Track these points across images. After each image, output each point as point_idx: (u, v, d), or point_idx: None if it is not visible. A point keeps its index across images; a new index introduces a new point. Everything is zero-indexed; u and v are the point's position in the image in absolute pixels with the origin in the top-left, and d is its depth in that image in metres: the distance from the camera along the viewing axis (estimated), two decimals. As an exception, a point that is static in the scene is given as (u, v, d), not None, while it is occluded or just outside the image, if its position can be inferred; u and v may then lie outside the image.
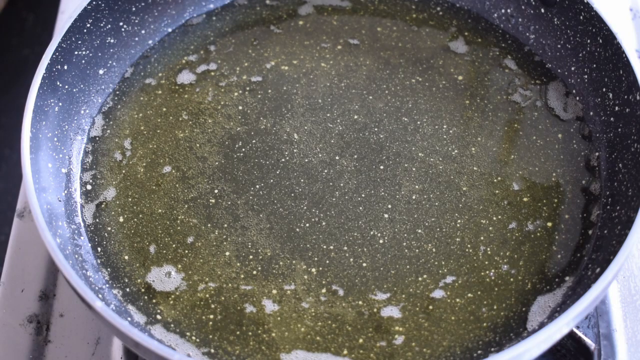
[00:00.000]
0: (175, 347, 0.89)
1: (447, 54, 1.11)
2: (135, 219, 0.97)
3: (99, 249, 0.96)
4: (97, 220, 0.98)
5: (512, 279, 0.92)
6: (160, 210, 0.98)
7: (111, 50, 1.08)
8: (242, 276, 0.93)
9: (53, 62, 0.99)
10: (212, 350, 0.88)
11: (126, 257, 0.95)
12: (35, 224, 0.86)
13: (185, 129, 1.05)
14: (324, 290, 0.92)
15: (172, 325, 0.90)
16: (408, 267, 0.93)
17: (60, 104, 1.01)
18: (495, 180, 1.00)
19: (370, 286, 0.92)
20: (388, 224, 0.96)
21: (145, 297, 0.92)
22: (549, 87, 1.07)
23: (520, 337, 0.89)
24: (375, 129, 1.04)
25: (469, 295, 0.91)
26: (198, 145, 1.03)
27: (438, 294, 0.91)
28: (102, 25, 1.06)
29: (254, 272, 0.93)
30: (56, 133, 0.99)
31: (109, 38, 1.08)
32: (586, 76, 1.05)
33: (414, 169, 1.00)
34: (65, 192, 0.98)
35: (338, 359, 0.88)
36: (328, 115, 1.05)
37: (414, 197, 0.98)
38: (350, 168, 1.01)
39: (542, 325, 0.89)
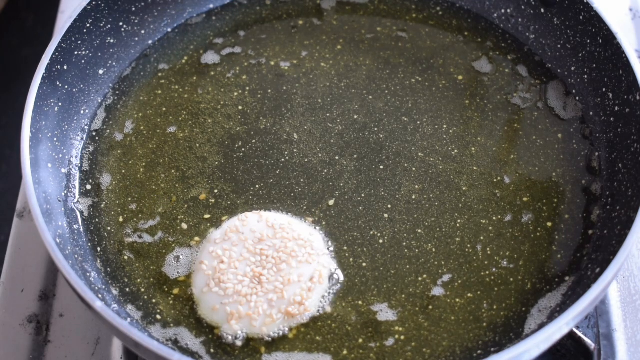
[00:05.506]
0: (175, 346, 0.89)
1: (447, 54, 1.11)
2: (135, 219, 0.97)
3: (99, 249, 0.96)
4: (97, 220, 0.98)
5: (512, 279, 0.92)
6: (160, 210, 0.98)
7: (111, 50, 1.08)
8: (242, 276, 0.93)
9: (53, 62, 0.99)
10: (212, 350, 0.88)
11: (126, 257, 0.95)
12: (35, 224, 0.86)
13: (185, 129, 1.05)
14: (323, 290, 0.92)
15: (171, 325, 0.90)
16: (408, 267, 0.93)
17: (60, 104, 1.01)
18: (495, 180, 1.00)
19: (370, 286, 0.92)
20: (388, 224, 0.96)
21: (145, 297, 0.92)
22: (549, 87, 1.07)
23: (520, 337, 0.89)
24: (375, 129, 1.04)
25: (469, 295, 0.91)
26: (198, 145, 1.03)
27: (438, 293, 0.91)
28: (102, 25, 1.06)
29: (254, 272, 0.93)
30: (56, 133, 0.99)
31: (109, 38, 1.08)
32: (586, 76, 1.05)
33: (414, 169, 1.01)
34: (65, 192, 0.98)
35: (338, 359, 0.88)
36: (328, 115, 1.05)
37: (413, 197, 0.98)
38: (350, 168, 1.01)
39: (542, 326, 0.89)
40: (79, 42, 1.03)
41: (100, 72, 1.07)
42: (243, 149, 1.03)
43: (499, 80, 1.08)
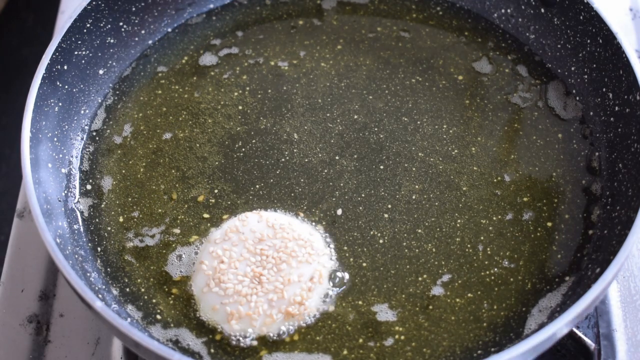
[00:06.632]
0: (175, 346, 0.89)
1: (447, 54, 1.11)
2: (135, 219, 0.97)
3: (99, 249, 0.96)
4: (97, 220, 0.98)
5: (512, 279, 0.92)
6: (160, 210, 0.98)
7: (111, 50, 1.08)
8: (242, 276, 0.93)
9: (53, 62, 0.99)
10: (212, 350, 0.88)
11: (126, 257, 0.95)
12: (35, 224, 0.86)
13: (185, 129, 1.05)
14: (324, 290, 0.92)
15: (171, 325, 0.90)
16: (408, 267, 0.93)
17: (60, 104, 1.01)
18: (495, 180, 1.00)
19: (370, 286, 0.92)
20: (388, 224, 0.96)
21: (145, 297, 0.92)
22: (549, 87, 1.07)
23: (520, 337, 0.89)
24: (375, 129, 1.04)
25: (469, 295, 0.91)
26: (198, 145, 1.03)
27: (438, 293, 0.91)
28: (102, 25, 1.06)
29: (254, 272, 0.93)
30: (56, 133, 0.99)
31: (109, 38, 1.08)
32: (586, 76, 1.05)
33: (414, 169, 1.01)
34: (65, 192, 0.98)
35: (338, 359, 0.88)
36: (328, 115, 1.05)
37: (414, 197, 0.98)
38: (350, 168, 1.01)
39: (542, 326, 0.89)
40: (79, 42, 1.03)
41: (100, 72, 1.07)
42: (243, 149, 1.03)
43: (499, 80, 1.08)
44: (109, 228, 0.97)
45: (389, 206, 0.98)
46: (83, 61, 1.04)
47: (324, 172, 1.01)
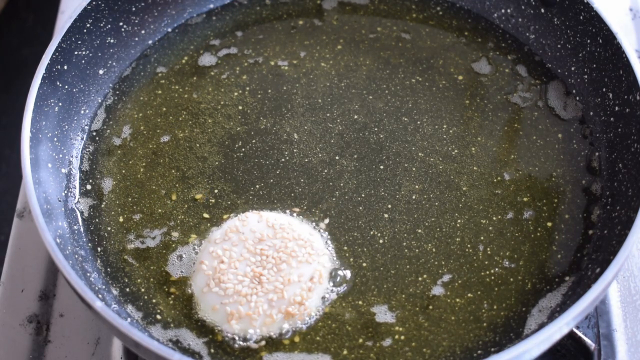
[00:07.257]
0: (175, 346, 0.89)
1: (447, 54, 1.11)
2: (135, 219, 0.97)
3: (99, 249, 0.96)
4: (97, 220, 0.98)
5: (512, 279, 0.92)
6: (160, 210, 0.98)
7: (111, 50, 1.08)
8: (242, 276, 0.93)
9: (53, 62, 0.99)
10: (212, 350, 0.88)
11: (126, 257, 0.95)
12: (35, 224, 0.86)
13: (185, 129, 1.05)
14: (324, 290, 0.92)
15: (171, 325, 0.90)
16: (408, 267, 0.93)
17: (60, 104, 1.01)
18: (495, 180, 1.00)
19: (370, 286, 0.92)
20: (388, 224, 0.96)
21: (145, 297, 0.92)
22: (549, 87, 1.07)
23: (520, 337, 0.89)
24: (375, 129, 1.04)
25: (469, 295, 0.91)
26: (198, 145, 1.03)
27: (438, 293, 0.91)
28: (102, 25, 1.06)
29: (254, 272, 0.93)
30: (56, 133, 0.99)
31: (109, 38, 1.08)
32: (586, 76, 1.05)
33: (414, 169, 1.01)
34: (65, 192, 0.98)
35: (338, 359, 0.88)
36: (328, 115, 1.05)
37: (414, 197, 0.98)
38: (350, 168, 1.01)
39: (542, 325, 0.89)
40: (79, 42, 1.03)
41: (100, 72, 1.07)
42: (243, 149, 1.03)
43: (499, 80, 1.08)
44: (109, 228, 0.97)
45: (389, 206, 0.98)
46: (83, 61, 1.04)
47: (324, 172, 1.01)
